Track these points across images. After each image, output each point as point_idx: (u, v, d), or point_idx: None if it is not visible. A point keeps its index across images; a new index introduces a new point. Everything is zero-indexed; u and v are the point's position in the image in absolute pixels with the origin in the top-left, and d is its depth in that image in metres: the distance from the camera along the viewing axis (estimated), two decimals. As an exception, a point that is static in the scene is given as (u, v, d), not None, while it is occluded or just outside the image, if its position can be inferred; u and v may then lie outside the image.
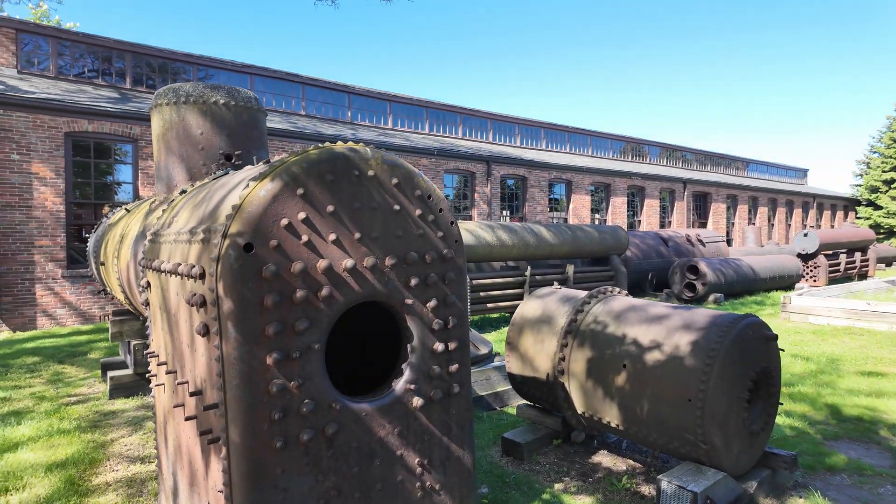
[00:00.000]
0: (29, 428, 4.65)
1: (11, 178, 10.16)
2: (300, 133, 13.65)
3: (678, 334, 3.31)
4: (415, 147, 15.68)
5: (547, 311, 4.09)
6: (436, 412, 2.73)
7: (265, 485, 2.20)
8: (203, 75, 16.72)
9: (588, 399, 3.68)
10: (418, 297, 2.64)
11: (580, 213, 20.38)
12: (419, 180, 2.65)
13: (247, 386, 2.15)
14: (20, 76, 12.46)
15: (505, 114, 22.36)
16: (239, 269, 2.12)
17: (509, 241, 9.53)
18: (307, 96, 17.54)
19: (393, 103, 19.15)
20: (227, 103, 3.96)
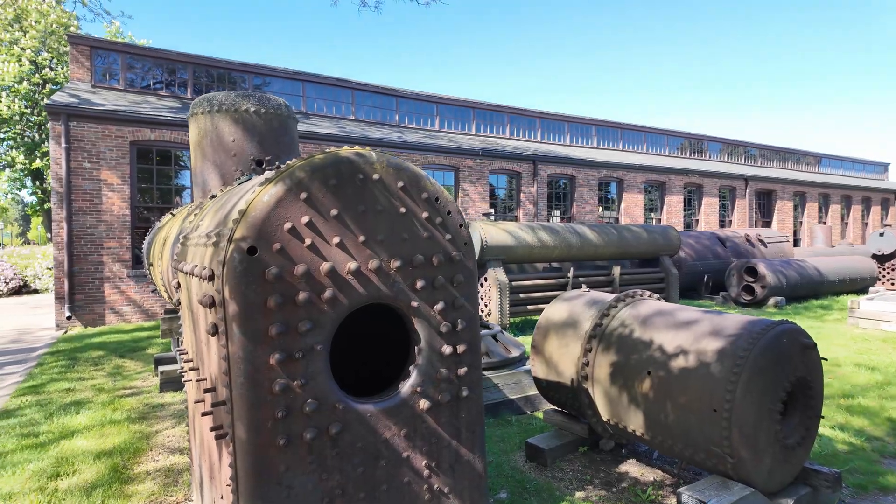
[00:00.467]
0: (85, 417, 5.00)
1: (84, 184, 10.97)
2: (347, 137, 13.98)
3: (705, 340, 3.14)
4: (459, 148, 15.70)
5: (573, 314, 3.99)
6: (444, 415, 2.73)
7: (269, 481, 2.27)
8: (259, 82, 17.40)
9: (612, 406, 3.56)
10: (425, 300, 2.64)
11: (632, 213, 19.75)
12: (426, 183, 2.65)
13: (251, 384, 2.22)
14: (93, 90, 13.43)
15: (554, 112, 22.00)
16: (242, 272, 2.19)
17: (550, 241, 9.37)
18: (356, 101, 17.93)
19: (440, 105, 19.26)
20: (258, 111, 4.12)
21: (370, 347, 3.64)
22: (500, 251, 8.83)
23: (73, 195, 10.87)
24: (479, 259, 8.73)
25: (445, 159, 15.49)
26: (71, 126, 10.86)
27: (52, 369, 7.03)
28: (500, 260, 8.92)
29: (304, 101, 17.01)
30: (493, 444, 4.35)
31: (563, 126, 22.38)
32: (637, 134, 24.66)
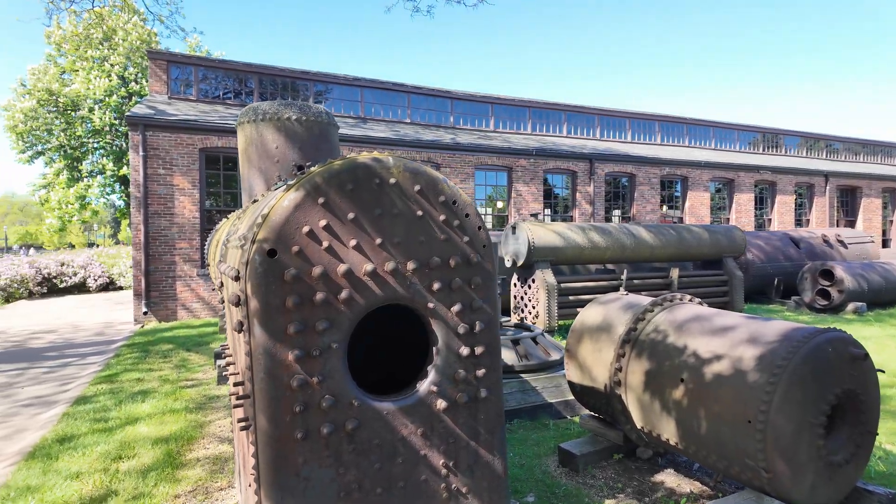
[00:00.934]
0: (149, 406, 5.42)
1: (158, 189, 11.83)
2: (401, 140, 14.24)
3: (742, 348, 2.99)
4: (512, 148, 15.60)
5: (607, 318, 3.90)
6: (462, 416, 2.76)
7: (287, 472, 2.39)
8: (322, 89, 18.04)
9: (645, 413, 3.45)
10: (442, 301, 2.68)
11: (698, 212, 18.86)
12: (443, 186, 2.69)
13: (270, 379, 2.34)
14: (169, 101, 14.43)
15: (614, 108, 21.39)
16: (263, 273, 2.32)
17: (602, 242, 9.14)
18: (412, 104, 18.21)
19: (494, 105, 19.21)
20: (300, 118, 4.31)
21: (406, 350, 3.73)
22: (549, 252, 8.71)
23: (149, 199, 11.74)
24: (527, 261, 8.65)
25: (498, 160, 15.44)
26: (147, 135, 11.74)
27: (127, 360, 7.64)
28: (548, 261, 8.80)
29: (362, 106, 17.47)
30: (528, 447, 4.32)
31: (624, 122, 21.71)
32: (704, 129, 23.51)
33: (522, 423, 4.85)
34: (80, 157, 29.28)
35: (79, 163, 29.19)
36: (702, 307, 3.65)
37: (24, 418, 5.40)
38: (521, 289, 9.19)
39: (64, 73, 29.19)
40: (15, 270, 16.20)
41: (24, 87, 28.22)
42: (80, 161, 29.26)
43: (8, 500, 3.51)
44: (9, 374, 7.21)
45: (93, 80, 27.39)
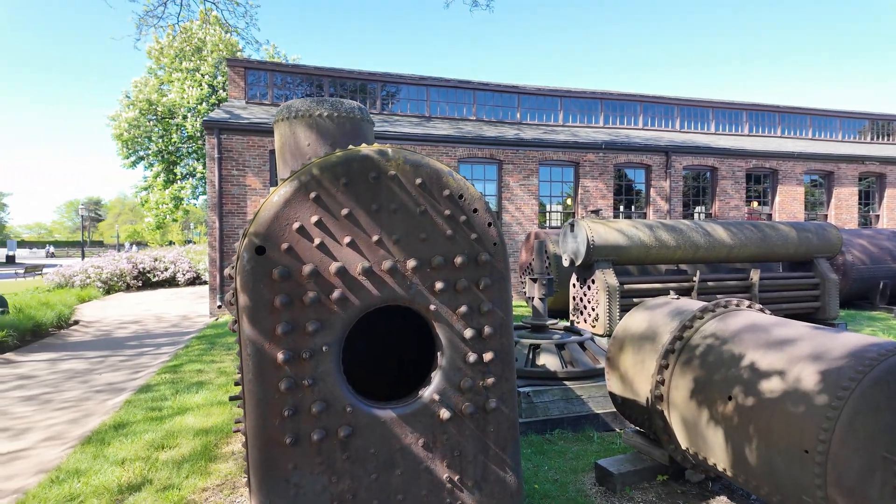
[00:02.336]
0: (201, 397, 5.63)
1: (232, 189, 12.47)
2: (462, 138, 14.09)
3: (802, 364, 2.54)
4: (578, 142, 14.96)
5: (652, 325, 3.52)
6: (468, 427, 2.55)
7: (277, 477, 2.30)
8: (394, 90, 18.27)
9: (690, 432, 3.06)
10: (446, 303, 2.49)
11: (789, 209, 17.20)
12: (448, 179, 2.49)
13: (258, 381, 2.26)
14: (245, 106, 15.19)
15: (695, 98, 19.99)
16: (251, 271, 2.24)
17: (671, 241, 8.48)
18: (477, 101, 18.00)
19: (564, 98, 18.56)
20: (331, 115, 4.26)
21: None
22: (610, 251, 8.20)
23: (224, 199, 12.40)
24: (586, 260, 8.20)
25: (564, 154, 14.88)
26: (222, 138, 12.41)
27: (193, 352, 8.07)
28: (609, 261, 8.29)
29: (427, 104, 17.50)
30: (566, 460, 4.02)
31: (707, 113, 20.24)
32: (800, 118, 21.43)
33: (564, 434, 4.54)
34: (175, 161, 31.74)
35: (174, 166, 31.65)
36: (760, 315, 3.19)
37: (94, 403, 5.80)
38: (581, 290, 8.74)
39: (162, 84, 31.74)
40: (115, 265, 17.78)
41: (128, 98, 31.00)
42: (175, 165, 31.71)
43: (57, 482, 3.73)
44: (92, 361, 7.84)
45: (186, 90, 29.60)
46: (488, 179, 14.59)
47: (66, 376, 6.98)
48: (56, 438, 4.73)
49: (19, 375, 7.05)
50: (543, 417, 4.62)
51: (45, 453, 4.38)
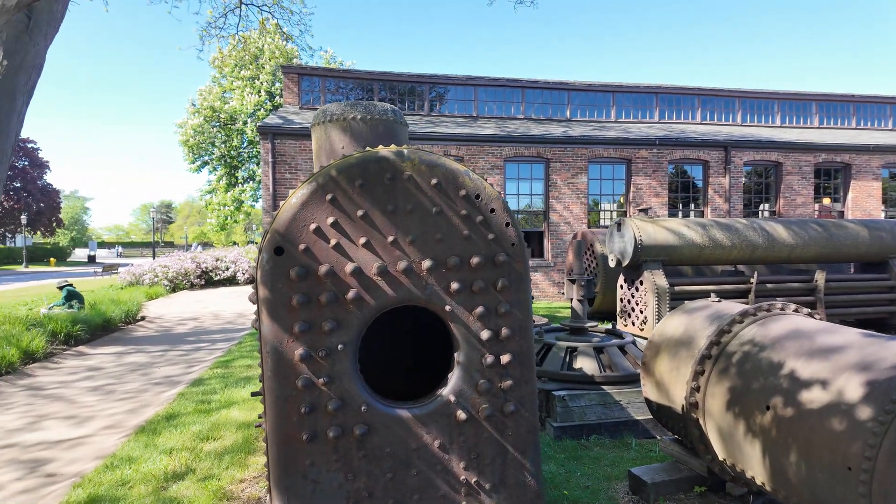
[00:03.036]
0: (247, 392, 5.86)
1: (285, 192, 12.91)
2: (507, 136, 13.97)
3: (848, 374, 2.35)
4: (629, 138, 14.49)
5: (690, 330, 3.35)
6: (486, 430, 2.52)
7: (295, 473, 2.35)
8: (443, 91, 18.38)
9: (726, 443, 2.90)
10: (463, 304, 2.47)
11: (864, 205, 15.97)
12: (464, 179, 2.47)
13: (277, 378, 2.33)
14: (298, 111, 15.70)
15: (759, 90, 18.94)
16: (270, 271, 2.31)
17: (726, 241, 8.07)
18: (526, 99, 17.80)
19: (616, 94, 18.05)
20: (364, 118, 4.32)
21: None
22: (660, 251, 7.90)
23: (278, 201, 12.86)
24: (634, 260, 7.94)
25: (615, 151, 14.46)
26: (276, 143, 12.88)
27: (245, 348, 8.41)
28: (659, 261, 7.98)
29: (475, 104, 17.48)
30: (601, 467, 3.90)
31: (772, 105, 19.13)
32: (879, 107, 19.86)
33: (601, 440, 4.41)
34: (236, 166, 33.27)
35: (235, 170, 33.18)
36: (806, 320, 2.97)
37: (151, 395, 6.16)
38: (628, 291, 8.47)
39: (225, 92, 33.35)
40: (180, 265, 18.82)
41: (193, 106, 32.78)
42: (236, 169, 33.25)
43: (110, 468, 3.99)
44: (153, 355, 8.33)
45: (245, 97, 30.99)
46: (535, 178, 14.40)
47: (129, 369, 7.45)
48: (115, 427, 5.06)
49: (88, 367, 7.59)
50: (580, 422, 4.50)
51: (104, 440, 4.69)
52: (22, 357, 7.52)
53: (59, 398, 6.05)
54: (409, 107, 17.36)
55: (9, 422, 5.23)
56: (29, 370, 7.32)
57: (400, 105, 17.45)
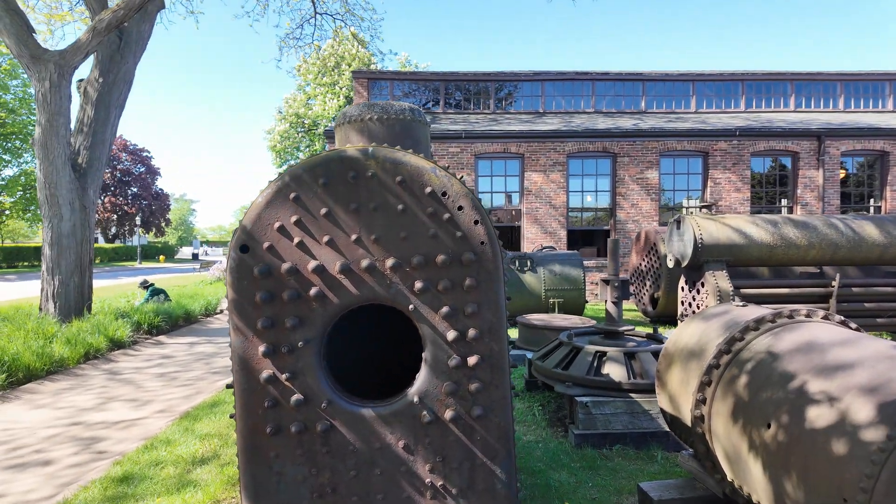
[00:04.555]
0: (288, 383, 6.13)
1: (349, 193, 13.36)
2: (571, 132, 13.53)
3: (853, 394, 2.03)
4: (706, 130, 13.49)
5: (703, 338, 3.06)
6: (452, 433, 2.46)
7: (261, 464, 2.43)
8: (511, 88, 18.23)
9: (732, 462, 2.62)
10: (428, 304, 2.42)
11: None
12: (430, 176, 2.42)
13: (243, 372, 2.41)
14: (365, 114, 16.16)
15: (865, 71, 16.97)
16: (236, 268, 2.40)
17: (801, 239, 7.30)
18: (596, 92, 17.17)
19: (696, 83, 16.92)
20: (381, 118, 4.36)
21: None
22: (723, 251, 7.30)
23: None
24: (693, 261, 7.40)
25: (690, 144, 13.55)
26: (341, 146, 13.35)
27: (301, 342, 8.80)
28: (722, 262, 7.38)
29: (542, 100, 17.12)
30: (616, 480, 3.68)
31: (881, 87, 17.07)
32: None
33: (625, 450, 4.15)
34: (318, 168, 34.90)
35: (317, 173, 34.82)
36: (829, 329, 2.61)
37: (206, 383, 6.63)
38: (689, 294, 7.91)
39: (309, 99, 35.13)
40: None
41: (280, 113, 34.83)
42: (318, 171, 34.88)
43: (149, 448, 4.33)
44: (220, 346, 8.95)
45: (327, 103, 32.45)
46: (601, 174, 13.85)
47: (196, 358, 8.06)
48: (167, 411, 5.49)
49: (162, 355, 8.30)
50: (603, 431, 4.27)
51: (153, 423, 5.11)
52: (109, 344, 8.36)
53: (130, 382, 6.66)
54: (474, 106, 17.33)
55: (83, 402, 5.84)
56: (113, 356, 8.13)
57: (466, 104, 17.47)
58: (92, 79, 9.90)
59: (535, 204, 13.68)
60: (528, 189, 13.71)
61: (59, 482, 3.84)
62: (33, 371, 6.65)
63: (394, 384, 2.97)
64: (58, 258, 9.24)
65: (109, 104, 10.03)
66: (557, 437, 4.46)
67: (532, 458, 4.02)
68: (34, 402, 5.86)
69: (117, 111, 10.26)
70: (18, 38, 8.68)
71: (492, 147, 13.74)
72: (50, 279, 9.28)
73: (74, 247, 9.41)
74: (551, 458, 4.01)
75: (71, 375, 6.97)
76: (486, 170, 14.20)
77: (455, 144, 13.76)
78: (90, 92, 9.86)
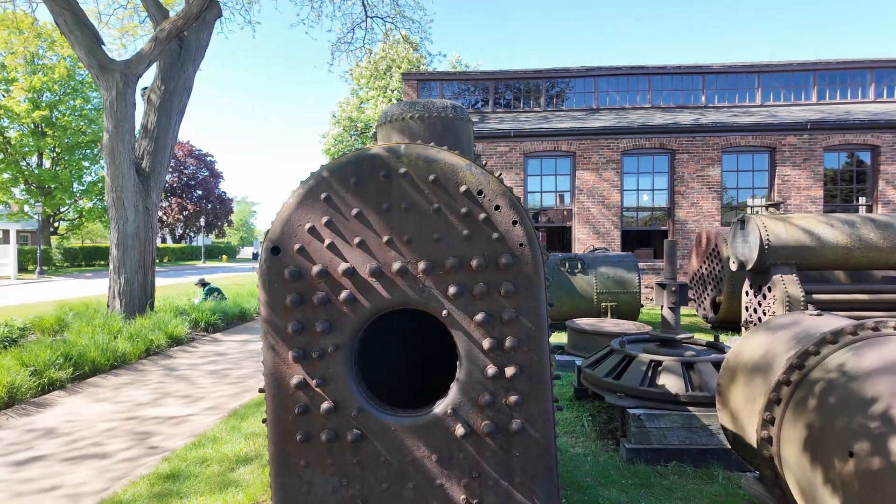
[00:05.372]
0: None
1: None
2: (625, 128, 13.01)
3: (959, 422, 1.73)
4: (773, 123, 12.63)
5: (769, 352, 2.76)
6: (489, 448, 2.30)
7: (290, 472, 2.36)
8: (564, 85, 17.84)
9: (805, 495, 2.32)
10: (463, 309, 2.28)
11: None
12: (465, 174, 2.28)
13: (273, 377, 2.35)
14: (415, 115, 16.20)
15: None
16: (267, 271, 2.34)
17: (881, 241, 6.65)
18: (653, 87, 16.49)
19: (762, 74, 15.93)
20: (422, 116, 4.25)
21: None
22: (792, 254, 6.75)
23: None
24: (759, 264, 6.89)
25: (755, 139, 12.73)
26: (390, 147, 13.41)
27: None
28: (792, 265, 6.83)
29: (596, 96, 16.62)
30: (671, 500, 3.41)
31: (978, 73, 15.48)
32: None
33: (682, 468, 3.86)
34: (370, 170, 35.45)
35: (369, 175, 35.37)
36: (925, 344, 2.27)
37: (255, 381, 6.75)
38: (754, 299, 7.38)
39: (362, 102, 35.78)
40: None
41: (334, 117, 35.63)
42: (370, 173, 35.42)
43: (197, 446, 4.41)
44: (271, 345, 9.15)
45: (378, 106, 32.91)
46: (657, 172, 13.25)
47: (247, 356, 8.26)
48: (216, 408, 5.61)
49: (216, 352, 8.56)
50: (657, 446, 3.99)
51: (203, 420, 5.22)
52: (168, 341, 8.71)
53: (185, 378, 6.88)
54: (524, 104, 17.04)
55: (140, 396, 6.07)
56: (172, 352, 8.46)
57: (516, 103, 17.20)
58: (155, 86, 10.38)
59: (587, 203, 13.25)
60: (580, 188, 13.30)
61: (111, 475, 3.96)
62: (98, 365, 6.99)
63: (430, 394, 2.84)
64: (123, 258, 9.73)
65: (170, 110, 10.48)
66: (608, 451, 4.21)
67: (580, 473, 3.81)
68: (96, 395, 6.14)
69: (178, 117, 10.71)
70: (89, 50, 9.20)
71: (541, 145, 13.43)
72: (116, 277, 9.79)
73: (138, 247, 9.88)
74: (600, 473, 3.78)
75: (132, 370, 7.29)
76: (535, 169, 13.90)
77: (504, 143, 13.54)
78: (153, 99, 10.34)
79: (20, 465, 4.19)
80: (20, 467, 4.14)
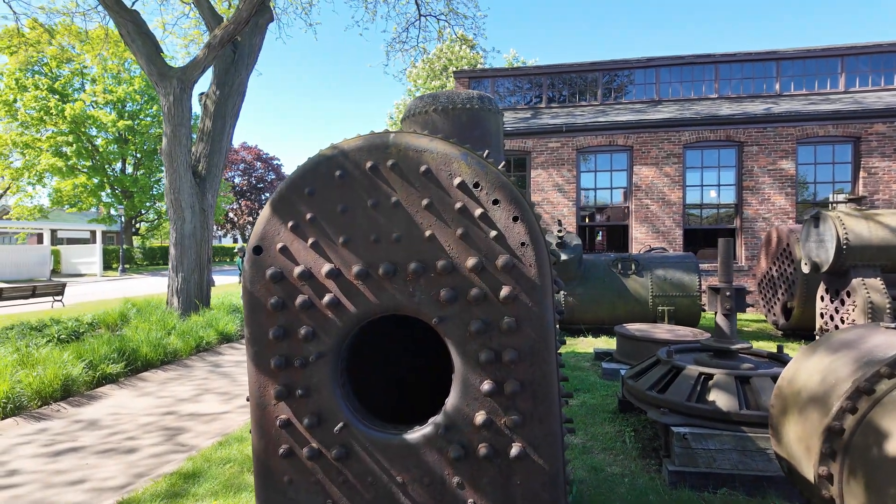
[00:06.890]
0: (367, 386, 6.02)
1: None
2: (690, 119, 12.18)
3: None
4: (857, 111, 11.37)
5: (829, 375, 2.32)
6: (487, 474, 2.04)
7: (274, 489, 2.20)
8: (623, 77, 17.08)
9: (874, 548, 1.90)
10: (456, 316, 2.03)
11: None
12: (459, 164, 2.03)
13: (256, 385, 2.20)
14: (466, 113, 15.99)
15: None
16: (250, 270, 2.19)
17: None
18: (720, 76, 15.41)
19: (846, 58, 14.51)
20: (445, 108, 4.02)
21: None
22: (875, 254, 5.97)
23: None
24: (836, 266, 6.15)
25: (836, 128, 11.56)
26: (439, 145, 13.28)
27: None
28: (875, 268, 6.05)
29: (657, 87, 15.74)
30: (718, 535, 3.00)
31: None
32: None
33: (733, 496, 3.41)
34: (426, 170, 35.62)
35: (425, 175, 35.54)
36: None
37: (294, 380, 6.77)
38: (831, 305, 6.61)
39: (418, 102, 35.89)
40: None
41: (391, 119, 36.05)
42: (426, 173, 35.59)
43: (223, 445, 4.40)
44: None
45: (434, 105, 32.90)
46: (724, 166, 12.31)
47: (291, 354, 8.34)
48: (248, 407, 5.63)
49: (263, 350, 8.72)
50: (706, 469, 3.56)
51: (234, 419, 5.24)
52: (218, 337, 8.96)
53: (227, 375, 7.01)
54: (580, 98, 16.41)
55: (182, 392, 6.21)
56: (221, 349, 8.69)
57: (572, 98, 16.60)
58: (210, 91, 10.74)
59: (646, 200, 12.53)
60: (637, 185, 12.59)
61: (136, 471, 4.00)
62: (150, 360, 7.25)
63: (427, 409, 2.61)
64: (181, 257, 10.12)
65: (225, 114, 10.81)
66: (649, 472, 3.81)
67: (614, 496, 3.45)
68: (143, 389, 6.35)
69: (232, 121, 11.04)
70: (149, 58, 9.63)
71: (596, 140, 12.83)
72: (175, 276, 10.20)
73: (195, 246, 10.24)
74: (637, 498, 3.41)
75: (181, 366, 7.51)
76: (589, 165, 13.31)
77: (555, 139, 13.06)
78: (209, 104, 10.70)
79: (57, 455, 4.33)
80: (57, 458, 4.27)
